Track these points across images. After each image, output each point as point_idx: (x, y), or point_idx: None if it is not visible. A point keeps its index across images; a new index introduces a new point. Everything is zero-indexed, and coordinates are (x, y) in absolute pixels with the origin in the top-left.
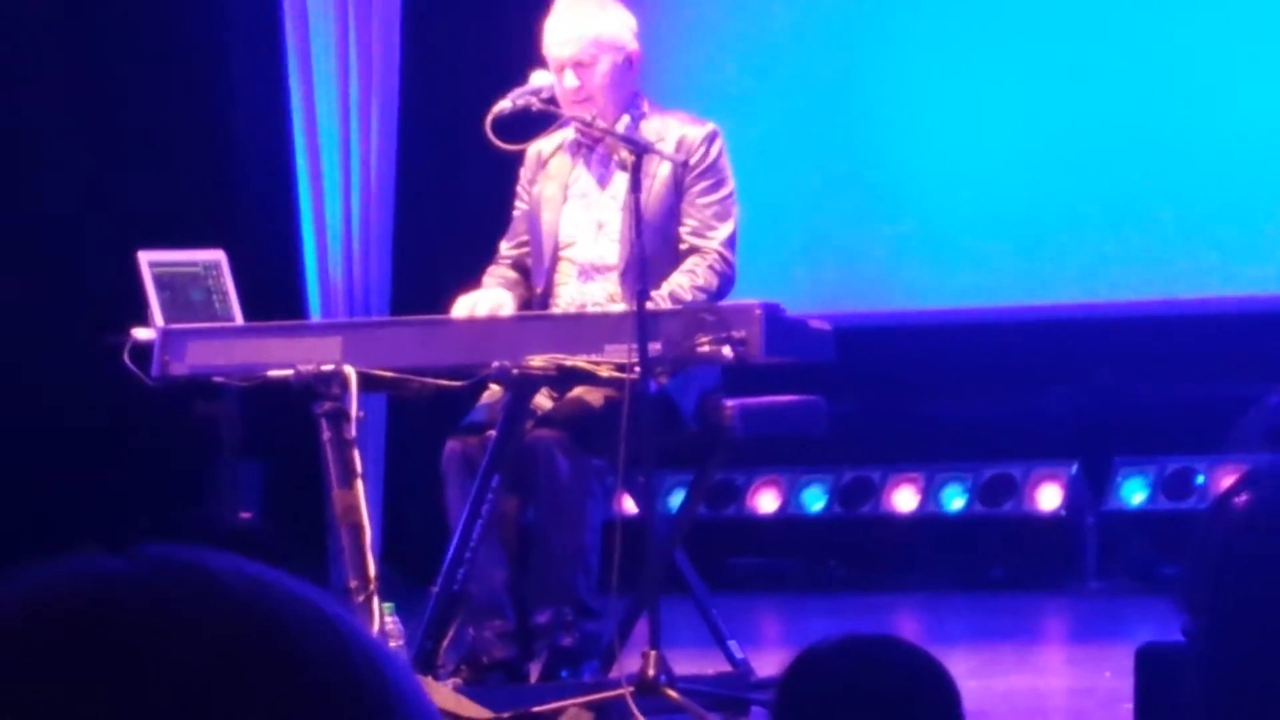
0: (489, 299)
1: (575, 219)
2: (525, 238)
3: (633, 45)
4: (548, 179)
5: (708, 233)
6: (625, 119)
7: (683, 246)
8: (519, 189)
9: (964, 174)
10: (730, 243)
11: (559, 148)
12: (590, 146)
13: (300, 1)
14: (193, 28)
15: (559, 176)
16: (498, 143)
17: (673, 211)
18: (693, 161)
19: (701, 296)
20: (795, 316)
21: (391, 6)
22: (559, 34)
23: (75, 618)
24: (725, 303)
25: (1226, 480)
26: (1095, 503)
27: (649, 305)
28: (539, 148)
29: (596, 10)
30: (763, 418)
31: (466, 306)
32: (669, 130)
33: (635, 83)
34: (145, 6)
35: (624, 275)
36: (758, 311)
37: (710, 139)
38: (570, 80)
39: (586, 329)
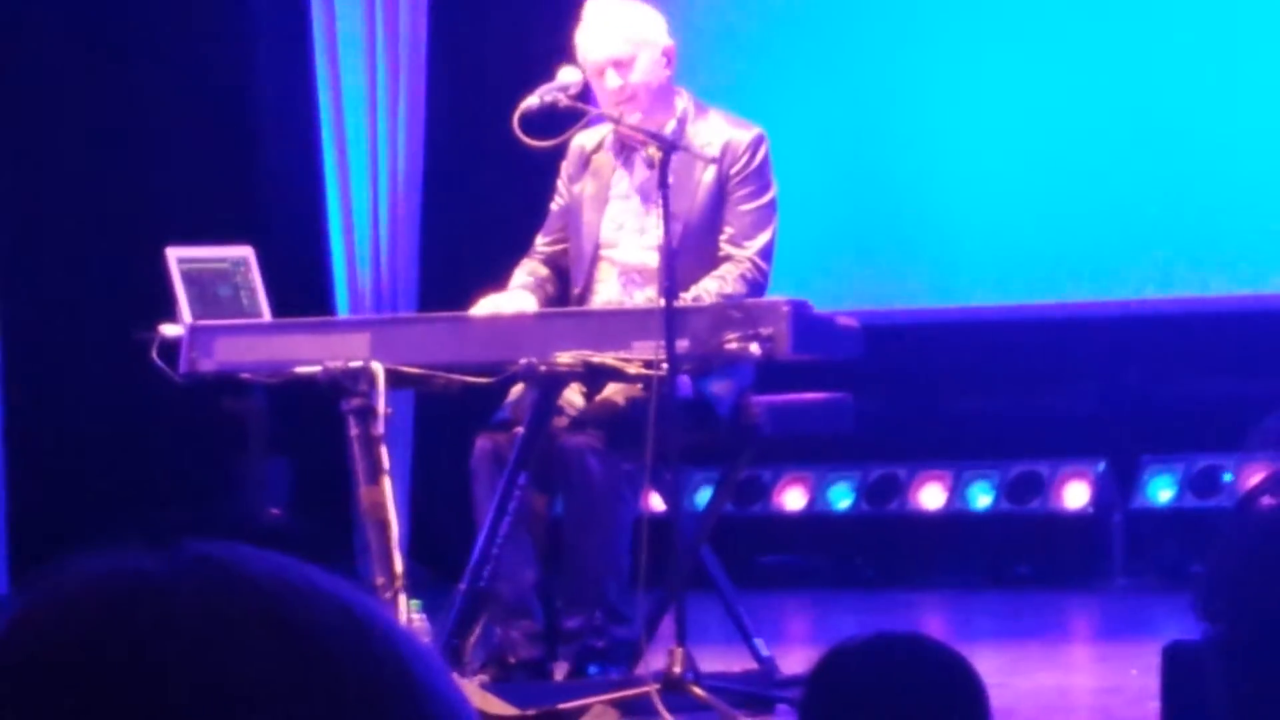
0: (512, 302)
1: (618, 220)
2: (561, 234)
3: (667, 40)
4: (590, 176)
5: (744, 241)
6: (672, 123)
7: (719, 254)
8: (559, 183)
9: (990, 172)
10: (766, 252)
11: (600, 145)
12: (633, 148)
13: None
14: (220, 24)
15: (601, 175)
16: (525, 139)
17: (716, 218)
18: (736, 168)
19: None
20: (823, 314)
21: (419, 3)
22: (595, 36)
23: (111, 614)
24: (753, 300)
25: (1252, 480)
26: (1122, 501)
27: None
28: (582, 142)
29: (627, 9)
30: (790, 415)
31: (489, 309)
32: (714, 133)
33: (672, 78)
34: (173, 2)
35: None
36: (785, 308)
37: (756, 144)
38: (613, 80)
39: (614, 326)
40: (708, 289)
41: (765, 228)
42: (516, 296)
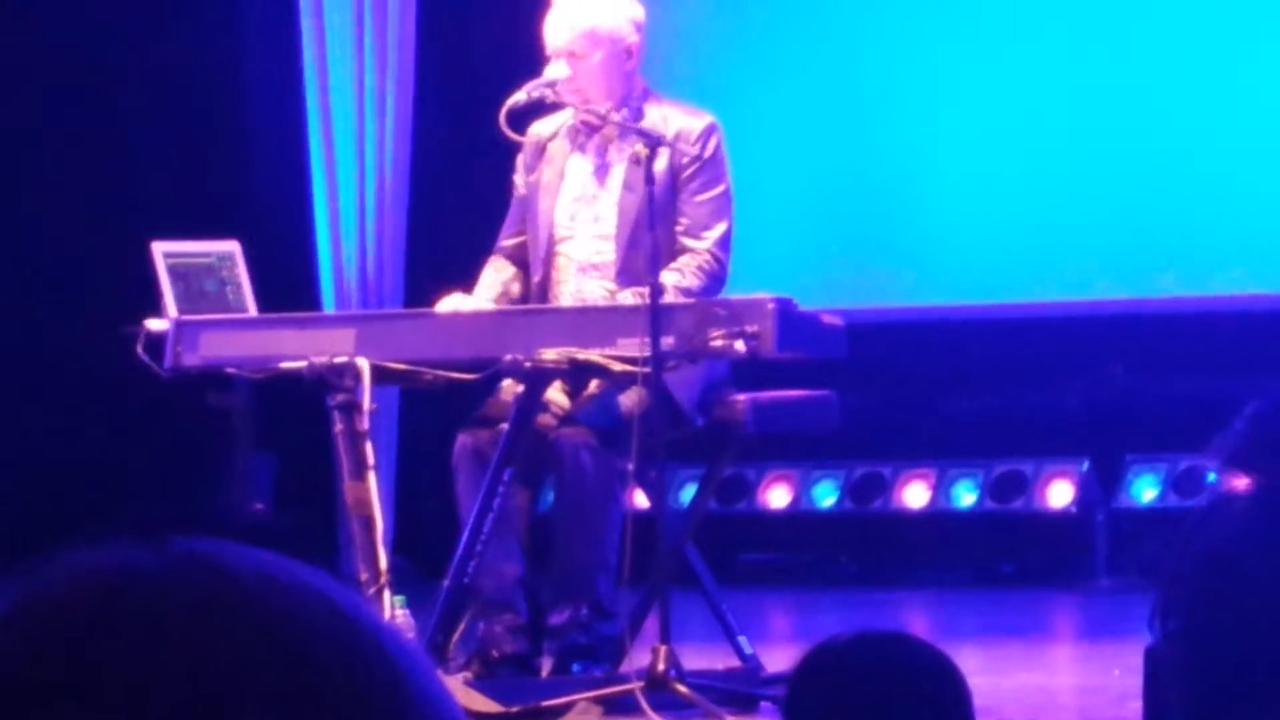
0: (470, 306)
1: (570, 210)
2: (522, 226)
3: (632, 37)
4: (546, 164)
5: (702, 232)
6: (624, 111)
7: (676, 246)
8: (515, 176)
9: (976, 170)
10: (723, 242)
11: (557, 133)
12: (588, 135)
13: None
14: (208, 18)
15: (556, 162)
16: (512, 135)
17: (669, 207)
18: (688, 158)
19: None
20: (808, 311)
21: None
22: (554, 24)
23: (101, 610)
24: (738, 297)
25: (1232, 482)
26: (1106, 500)
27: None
28: (538, 131)
29: (595, 1)
30: (775, 413)
31: (449, 309)
32: (669, 122)
33: (634, 73)
34: None
35: (619, 275)
36: (770, 306)
37: (708, 133)
38: (563, 70)
39: (599, 322)
40: (665, 282)
41: (722, 218)
42: (474, 303)
